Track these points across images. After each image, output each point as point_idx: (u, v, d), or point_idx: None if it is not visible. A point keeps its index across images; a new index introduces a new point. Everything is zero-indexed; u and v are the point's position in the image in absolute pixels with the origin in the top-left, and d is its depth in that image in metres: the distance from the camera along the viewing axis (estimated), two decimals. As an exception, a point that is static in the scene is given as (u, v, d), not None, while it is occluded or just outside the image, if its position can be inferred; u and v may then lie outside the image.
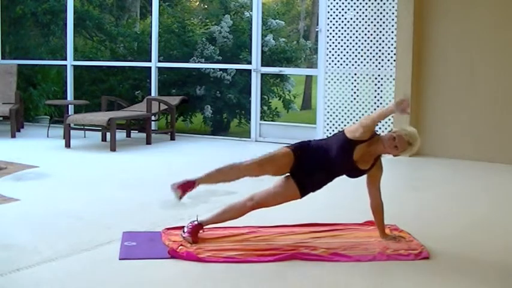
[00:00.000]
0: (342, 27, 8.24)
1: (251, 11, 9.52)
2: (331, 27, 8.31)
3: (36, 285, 3.34)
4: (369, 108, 8.13)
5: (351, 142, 3.89)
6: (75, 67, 10.53)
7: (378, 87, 8.12)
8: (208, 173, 4.06)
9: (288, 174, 4.01)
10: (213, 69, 10.45)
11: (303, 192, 4.00)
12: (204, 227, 4.07)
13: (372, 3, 8.05)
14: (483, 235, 4.44)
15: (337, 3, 8.26)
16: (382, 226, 4.14)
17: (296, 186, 3.96)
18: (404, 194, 5.77)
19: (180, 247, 3.81)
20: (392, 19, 7.93)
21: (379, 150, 3.97)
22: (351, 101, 8.26)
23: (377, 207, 4.09)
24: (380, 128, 8.10)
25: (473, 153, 7.47)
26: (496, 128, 7.44)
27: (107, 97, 9.49)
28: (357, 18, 8.15)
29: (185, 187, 3.99)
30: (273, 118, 10.95)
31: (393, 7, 7.92)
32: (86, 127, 8.88)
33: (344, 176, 4.06)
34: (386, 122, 8.05)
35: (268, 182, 4.17)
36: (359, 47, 8.15)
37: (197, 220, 4.02)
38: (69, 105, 9.92)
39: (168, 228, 4.21)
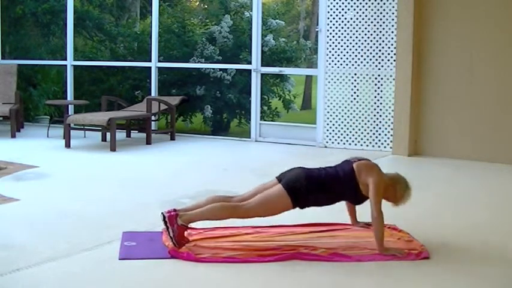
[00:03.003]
0: (342, 27, 8.24)
1: (251, 11, 9.52)
2: (331, 27, 8.32)
3: (36, 285, 3.34)
4: (368, 108, 8.14)
5: (364, 196, 3.98)
6: (75, 67, 10.54)
7: (378, 87, 8.12)
8: (197, 214, 3.92)
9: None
10: (213, 69, 10.44)
11: (296, 205, 3.97)
12: (201, 229, 4.07)
13: (372, 3, 8.05)
14: (483, 235, 4.43)
15: (337, 3, 8.26)
16: (353, 213, 4.33)
17: (290, 203, 3.92)
18: (404, 194, 5.77)
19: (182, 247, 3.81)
20: (392, 19, 7.93)
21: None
22: (351, 101, 8.26)
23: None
24: (380, 135, 8.11)
25: (473, 153, 7.47)
26: (496, 128, 7.44)
27: (107, 97, 9.49)
28: (357, 18, 8.15)
29: (183, 235, 3.88)
30: (273, 118, 10.94)
31: (393, 7, 7.92)
32: (86, 127, 8.89)
33: None
34: (386, 116, 8.05)
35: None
36: (359, 47, 8.16)
37: (185, 224, 3.87)
38: (69, 105, 9.92)
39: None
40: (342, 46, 8.26)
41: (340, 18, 8.26)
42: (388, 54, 8.00)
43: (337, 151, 7.93)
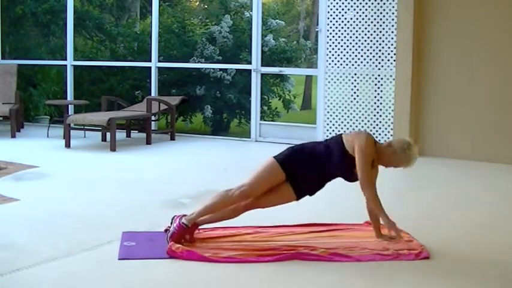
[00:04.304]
0: (342, 27, 8.24)
1: (251, 11, 9.52)
2: (331, 27, 8.31)
3: (36, 285, 3.34)
4: (368, 108, 8.14)
5: (352, 159, 3.91)
6: (75, 67, 10.54)
7: (378, 87, 8.12)
8: (200, 210, 3.98)
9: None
10: (213, 69, 10.45)
11: (299, 195, 4.00)
12: (200, 228, 4.08)
13: (372, 3, 8.05)
14: (483, 235, 4.44)
15: (337, 3, 8.25)
16: (378, 226, 4.15)
17: (292, 190, 3.96)
18: (404, 194, 5.77)
19: (177, 246, 3.80)
20: (393, 19, 7.93)
21: (379, 164, 4.01)
22: (351, 101, 8.25)
23: (372, 209, 4.07)
24: (380, 135, 8.11)
25: (473, 153, 7.47)
26: (496, 128, 7.44)
27: (107, 97, 9.49)
28: (357, 18, 8.15)
29: (181, 234, 3.90)
30: (273, 118, 10.95)
31: (393, 7, 7.92)
32: (86, 127, 8.88)
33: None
34: (386, 116, 8.05)
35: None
36: (359, 47, 8.15)
37: (185, 223, 3.92)
38: (69, 105, 9.92)
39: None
40: (342, 46, 8.26)
41: (340, 18, 8.26)
42: (388, 54, 7.99)
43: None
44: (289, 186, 3.96)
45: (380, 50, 8.05)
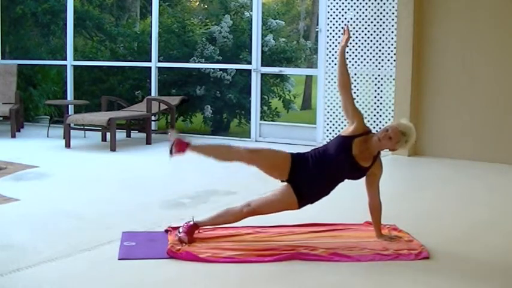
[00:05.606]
0: (342, 27, 8.24)
1: (251, 11, 9.52)
2: (331, 27, 8.32)
3: (36, 285, 3.33)
4: (368, 109, 8.14)
5: (347, 138, 3.99)
6: (75, 67, 10.53)
7: (378, 87, 8.12)
8: (204, 145, 4.27)
9: (287, 183, 4.00)
10: (213, 69, 10.45)
11: (301, 203, 4.00)
12: (200, 228, 4.09)
13: (372, 3, 8.05)
14: (483, 235, 4.44)
15: (337, 3, 8.26)
16: (378, 225, 4.16)
17: (294, 196, 3.96)
18: (404, 194, 5.77)
19: (178, 248, 3.81)
20: (392, 19, 7.93)
21: (375, 145, 3.98)
22: (351, 101, 8.24)
23: (375, 206, 4.10)
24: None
25: (473, 153, 7.47)
26: (496, 128, 7.44)
27: (107, 97, 9.48)
28: (357, 18, 8.15)
29: (180, 147, 4.25)
30: (273, 118, 10.95)
31: (393, 7, 7.92)
32: (86, 127, 8.88)
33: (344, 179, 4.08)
34: (386, 116, 8.05)
35: (267, 183, 4.19)
36: (359, 47, 8.15)
37: (193, 220, 4.02)
38: (69, 105, 9.92)
39: (174, 228, 4.17)
40: (342, 46, 8.25)
41: (340, 18, 8.26)
42: (388, 54, 8.00)
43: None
44: (291, 192, 3.96)
45: (380, 50, 8.05)
